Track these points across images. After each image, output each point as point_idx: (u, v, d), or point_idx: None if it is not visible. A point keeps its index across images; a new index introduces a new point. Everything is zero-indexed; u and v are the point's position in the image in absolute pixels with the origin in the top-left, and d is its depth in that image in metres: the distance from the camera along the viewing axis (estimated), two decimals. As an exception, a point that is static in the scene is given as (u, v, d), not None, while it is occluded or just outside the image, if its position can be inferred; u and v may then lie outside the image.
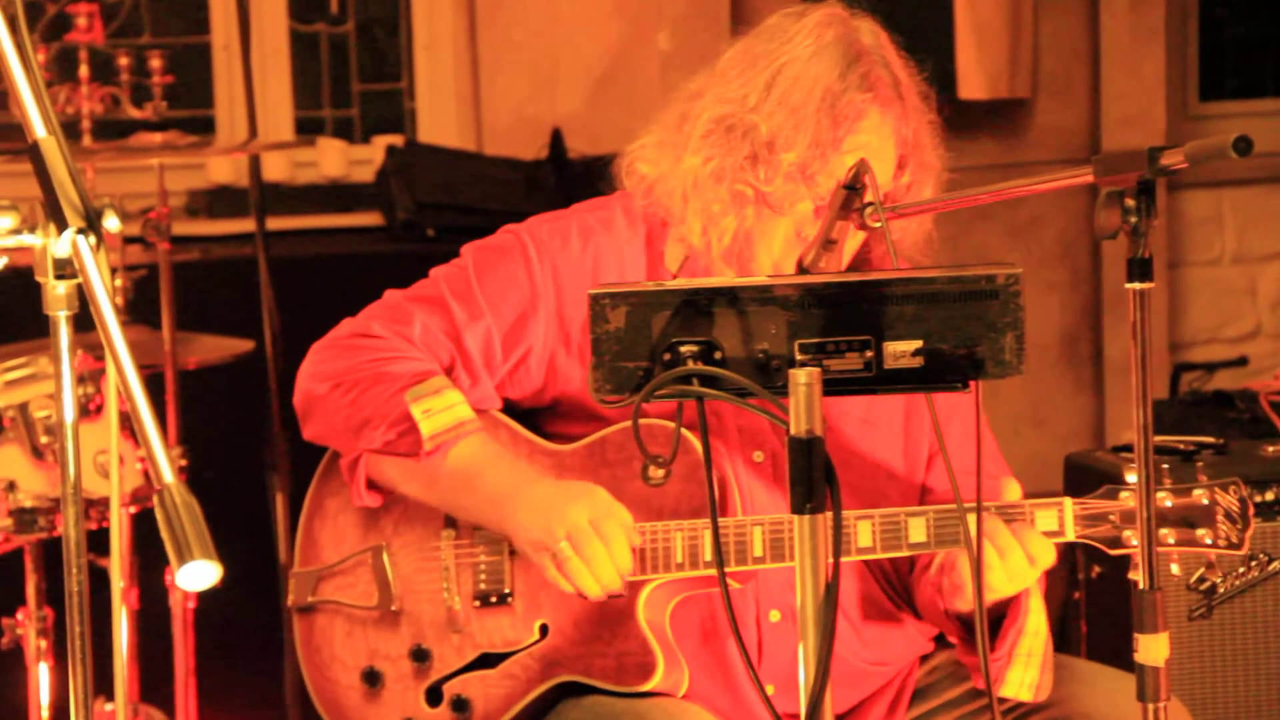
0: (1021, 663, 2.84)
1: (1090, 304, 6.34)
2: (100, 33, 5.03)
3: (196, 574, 1.70)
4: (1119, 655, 3.13)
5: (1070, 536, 2.80)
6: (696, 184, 2.89)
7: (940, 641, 3.07)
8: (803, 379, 2.08)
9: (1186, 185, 6.33)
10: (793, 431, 2.08)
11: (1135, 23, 6.22)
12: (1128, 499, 2.79)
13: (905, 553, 2.81)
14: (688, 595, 2.90)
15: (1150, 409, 2.29)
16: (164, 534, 1.67)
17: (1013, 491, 2.81)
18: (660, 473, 2.86)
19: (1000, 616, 2.85)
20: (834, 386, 2.15)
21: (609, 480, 2.87)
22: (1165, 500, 2.78)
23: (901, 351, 2.17)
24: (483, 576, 2.95)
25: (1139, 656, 2.31)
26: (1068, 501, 2.80)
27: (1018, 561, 2.73)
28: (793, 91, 2.85)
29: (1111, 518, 2.80)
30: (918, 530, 2.79)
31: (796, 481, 2.08)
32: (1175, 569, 2.87)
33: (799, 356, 2.17)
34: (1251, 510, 2.80)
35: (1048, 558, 2.75)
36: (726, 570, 2.81)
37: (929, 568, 2.90)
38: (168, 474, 1.70)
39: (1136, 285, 2.26)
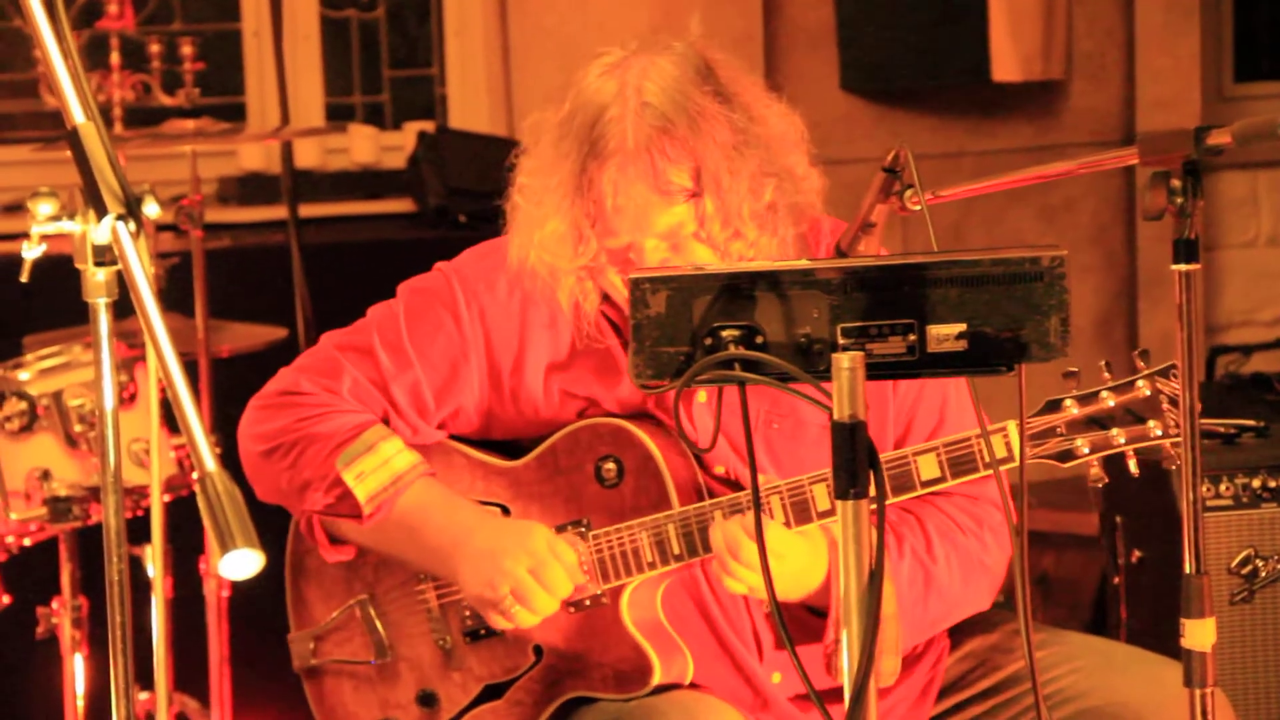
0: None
1: (1125, 287, 6.30)
2: (131, 20, 5.02)
3: (239, 563, 1.68)
4: (1159, 640, 3.11)
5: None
6: (527, 261, 2.87)
7: (967, 631, 3.05)
8: (846, 363, 2.07)
9: (1221, 167, 6.29)
10: (836, 416, 2.07)
11: (1170, 4, 6.18)
12: (1070, 407, 2.77)
13: (920, 492, 2.79)
14: (674, 580, 2.90)
15: (1196, 391, 2.26)
16: (207, 522, 1.66)
17: None
18: (613, 469, 2.87)
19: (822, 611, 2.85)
20: (877, 370, 2.13)
21: (565, 487, 2.90)
22: (1108, 400, 2.75)
23: (945, 335, 2.15)
24: (467, 612, 2.97)
25: (1185, 642, 2.29)
26: (1010, 425, 2.76)
27: (752, 557, 2.72)
28: (546, 168, 2.80)
29: (1059, 430, 2.77)
30: (929, 466, 2.78)
31: (840, 467, 2.07)
32: (1133, 466, 2.78)
33: (841, 340, 2.15)
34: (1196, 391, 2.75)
35: (779, 544, 2.75)
36: (697, 559, 2.84)
37: None
38: (210, 462, 1.69)
39: (1183, 266, 2.23)
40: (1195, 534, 2.28)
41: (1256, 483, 3.65)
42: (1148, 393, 2.75)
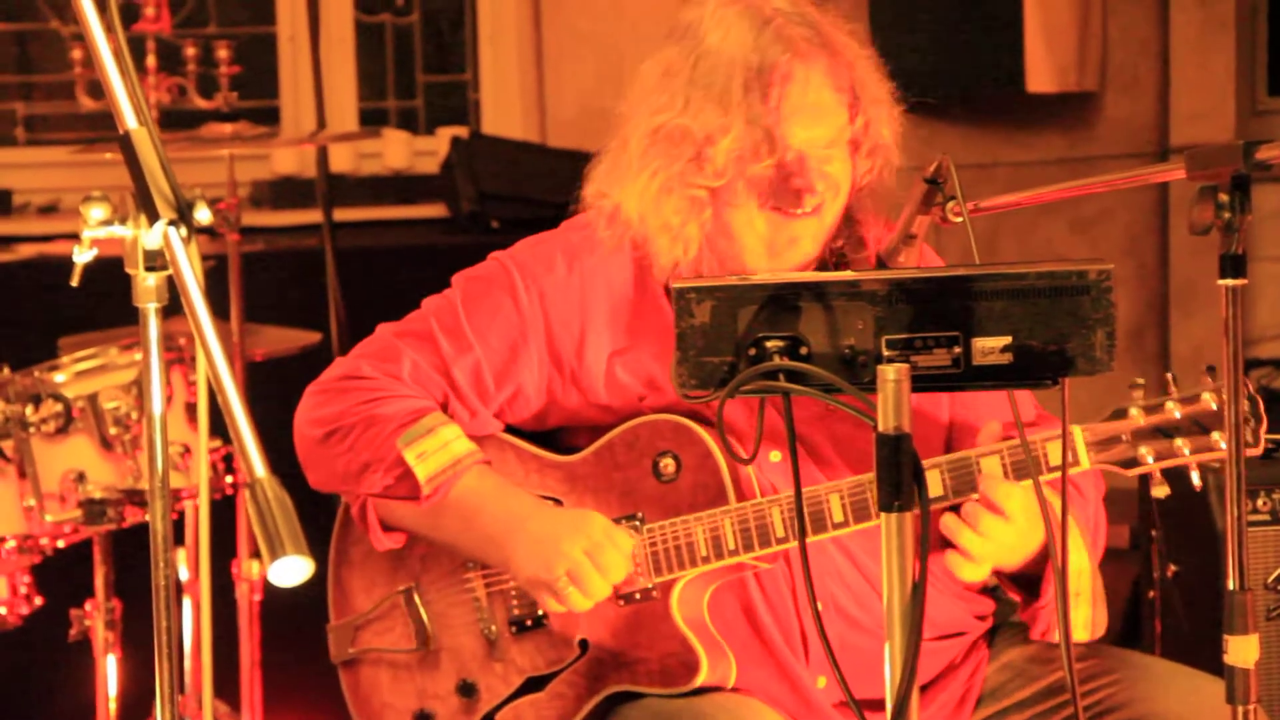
0: (1078, 602, 2.82)
1: (1157, 299, 6.29)
2: (168, 23, 5.04)
3: (289, 569, 1.68)
4: (1194, 654, 3.10)
5: (1086, 464, 2.76)
6: (652, 201, 2.86)
7: (1005, 641, 3.04)
8: (891, 375, 2.06)
9: (1256, 178, 6.26)
10: (880, 428, 2.06)
11: (1205, 17, 6.17)
12: (1137, 416, 2.76)
13: (974, 498, 2.76)
14: (721, 583, 2.89)
15: (1240, 406, 2.25)
16: (256, 529, 1.66)
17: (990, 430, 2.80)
18: (671, 467, 2.86)
19: (1038, 571, 2.82)
20: (922, 383, 2.13)
21: (621, 482, 2.89)
22: (1174, 410, 2.74)
23: (990, 348, 2.15)
24: (515, 602, 2.96)
25: (1229, 658, 2.28)
26: (1076, 429, 2.75)
27: (990, 523, 2.71)
28: (712, 81, 2.81)
29: (1124, 438, 2.76)
30: (992, 468, 2.76)
31: (884, 479, 2.06)
32: (1195, 479, 2.77)
33: (886, 352, 2.15)
34: (1262, 406, 2.75)
35: (1011, 503, 2.71)
36: (754, 555, 2.83)
37: None
38: (260, 468, 1.69)
39: (1230, 281, 2.22)
40: (1239, 550, 2.27)
41: (1293, 498, 3.63)
42: (1214, 406, 2.73)
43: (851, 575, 2.91)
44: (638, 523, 2.87)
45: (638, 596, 2.87)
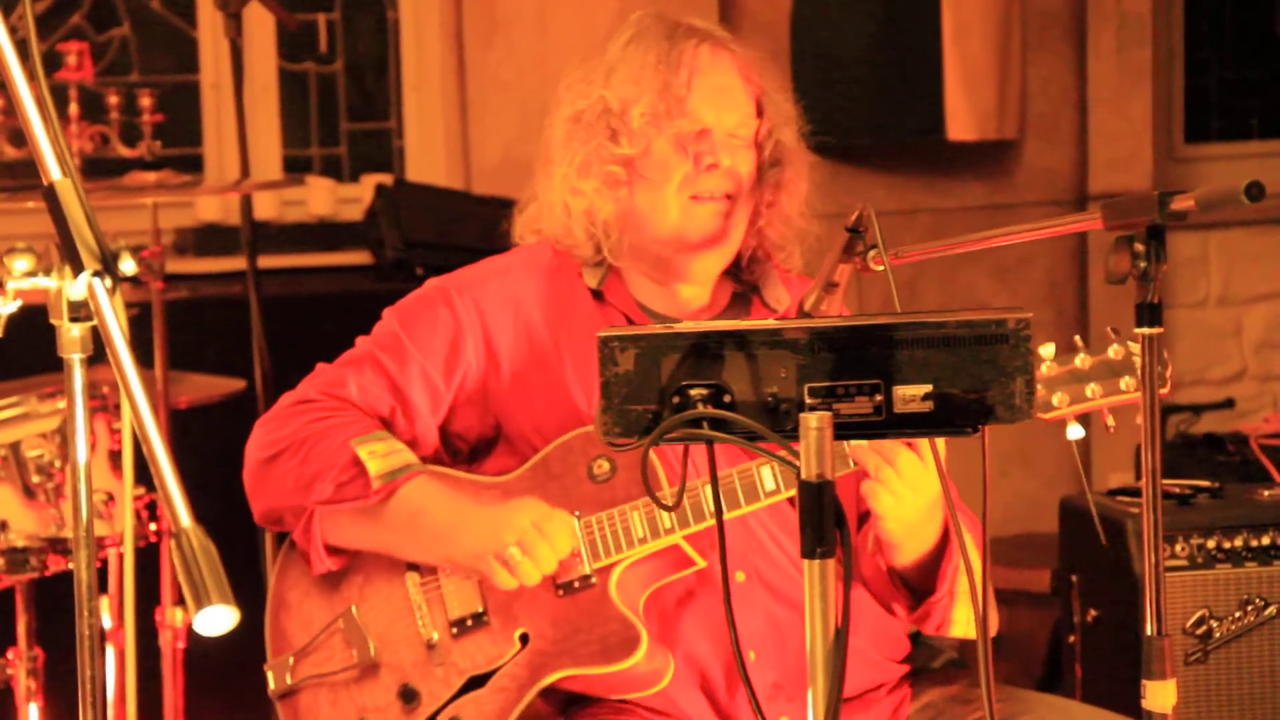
0: (965, 599, 2.88)
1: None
2: (90, 71, 5.02)
3: (214, 619, 1.69)
4: (1114, 699, 3.13)
5: None
6: (572, 190, 2.97)
7: (927, 681, 3.06)
8: (813, 423, 2.08)
9: (1172, 226, 6.32)
10: (803, 476, 2.08)
11: (1122, 66, 6.23)
12: (1047, 366, 2.80)
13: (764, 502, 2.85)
14: (659, 586, 2.93)
15: (1159, 454, 2.28)
16: (182, 578, 1.66)
17: None
18: (605, 467, 2.92)
19: (935, 563, 2.87)
20: (844, 430, 2.15)
21: (557, 491, 2.93)
22: (1085, 363, 2.79)
23: (911, 395, 2.16)
24: (454, 603, 2.97)
25: (1146, 703, 2.30)
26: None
27: (889, 477, 2.73)
28: (628, 64, 2.96)
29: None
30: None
31: (807, 525, 2.08)
32: (1111, 421, 2.82)
33: (809, 400, 2.16)
34: (1167, 354, 2.78)
35: (924, 482, 2.74)
36: (687, 532, 2.88)
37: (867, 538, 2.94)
38: (185, 518, 1.69)
39: (1146, 330, 2.25)
40: (1157, 596, 2.29)
41: (1211, 543, 3.67)
42: (1120, 356, 2.80)
43: (773, 548, 2.97)
44: (576, 516, 2.91)
45: (576, 585, 2.90)
